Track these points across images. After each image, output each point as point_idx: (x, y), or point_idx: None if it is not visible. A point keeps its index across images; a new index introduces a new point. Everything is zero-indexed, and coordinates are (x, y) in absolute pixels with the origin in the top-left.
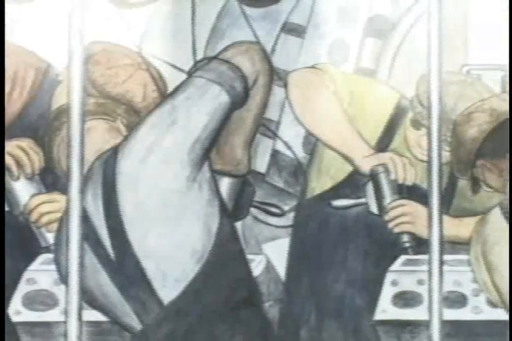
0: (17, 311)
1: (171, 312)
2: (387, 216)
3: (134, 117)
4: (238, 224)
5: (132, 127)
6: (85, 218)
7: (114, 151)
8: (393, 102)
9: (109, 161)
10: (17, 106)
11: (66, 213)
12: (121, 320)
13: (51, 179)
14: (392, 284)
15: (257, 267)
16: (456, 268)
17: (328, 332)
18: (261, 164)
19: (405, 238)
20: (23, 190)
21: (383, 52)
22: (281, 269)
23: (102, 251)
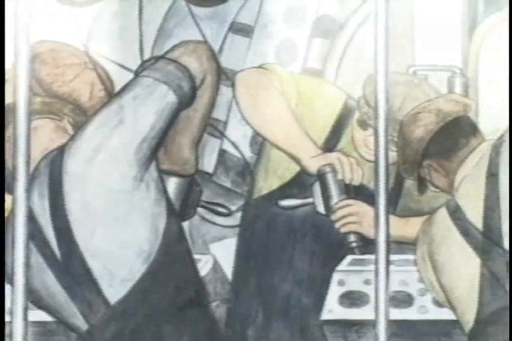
0: None
1: (118, 312)
2: (334, 216)
3: (81, 116)
4: (185, 224)
5: (79, 126)
6: (31, 218)
7: (61, 151)
8: (340, 102)
9: (55, 161)
10: None
11: (12, 213)
12: (67, 320)
13: None
14: (338, 284)
15: (204, 267)
16: (402, 268)
17: (274, 332)
18: (208, 164)
19: (352, 238)
20: None
21: (330, 52)
22: (228, 269)
23: (48, 251)
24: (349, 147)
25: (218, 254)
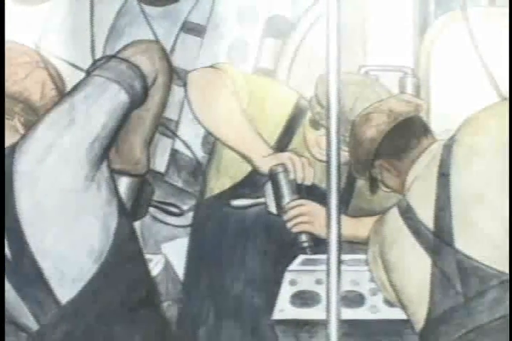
0: None
1: (69, 312)
2: (285, 216)
3: (32, 116)
4: (137, 224)
5: (30, 126)
6: None
7: (11, 150)
8: (292, 102)
9: (6, 160)
10: None
11: None
12: (17, 320)
13: None
14: (290, 284)
15: (156, 267)
16: (354, 267)
17: (226, 332)
18: (160, 163)
19: (304, 238)
20: None
21: (282, 52)
22: (179, 269)
23: None
24: (301, 147)
25: (170, 254)
